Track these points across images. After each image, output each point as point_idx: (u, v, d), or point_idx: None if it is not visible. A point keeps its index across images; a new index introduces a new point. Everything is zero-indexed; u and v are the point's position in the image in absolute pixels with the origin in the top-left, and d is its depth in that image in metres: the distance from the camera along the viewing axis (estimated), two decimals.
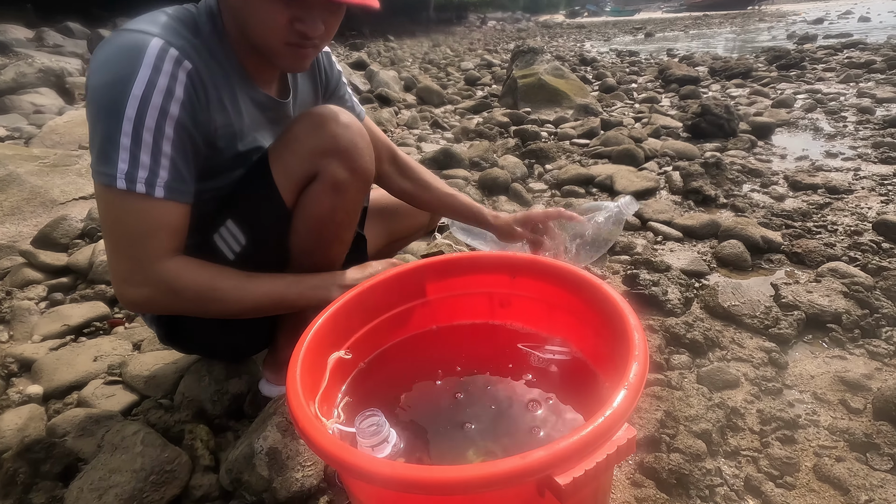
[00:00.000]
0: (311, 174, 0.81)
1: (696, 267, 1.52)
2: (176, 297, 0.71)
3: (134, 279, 0.70)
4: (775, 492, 0.82)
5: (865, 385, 1.03)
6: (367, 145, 0.83)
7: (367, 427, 0.52)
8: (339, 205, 0.82)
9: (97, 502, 0.76)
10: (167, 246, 0.71)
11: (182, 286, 0.71)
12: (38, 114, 3.58)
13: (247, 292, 0.75)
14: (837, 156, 2.47)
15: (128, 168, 0.66)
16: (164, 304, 0.72)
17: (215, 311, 0.75)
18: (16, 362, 1.21)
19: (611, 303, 0.57)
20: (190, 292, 0.71)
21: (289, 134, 0.84)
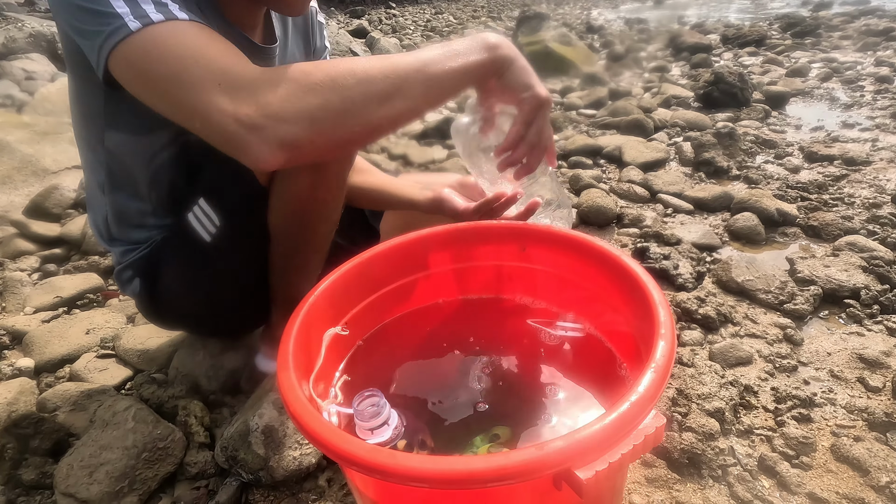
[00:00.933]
0: None
1: (707, 240, 1.46)
2: (302, 86, 0.52)
3: (246, 93, 0.51)
4: (791, 472, 0.79)
5: (884, 362, 0.99)
6: None
7: (365, 408, 0.48)
8: (319, 181, 0.73)
9: (88, 480, 0.73)
10: (236, 55, 0.54)
11: (310, 71, 0.53)
12: (29, 80, 3.48)
13: (390, 62, 0.57)
14: (854, 126, 2.38)
15: (130, 7, 0.52)
16: (307, 107, 0.52)
17: (370, 99, 0.55)
18: (7, 334, 1.18)
19: (632, 277, 0.52)
20: (322, 76, 0.53)
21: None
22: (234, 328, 0.99)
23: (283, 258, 0.82)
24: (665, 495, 0.76)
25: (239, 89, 0.51)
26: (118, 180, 0.79)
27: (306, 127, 0.53)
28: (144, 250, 0.84)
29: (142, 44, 0.52)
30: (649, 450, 0.37)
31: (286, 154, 0.53)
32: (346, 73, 0.54)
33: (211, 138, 0.54)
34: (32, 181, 2.02)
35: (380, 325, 0.67)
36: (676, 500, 0.75)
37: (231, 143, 0.52)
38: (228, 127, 0.51)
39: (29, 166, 2.09)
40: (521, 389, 0.57)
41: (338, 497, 0.78)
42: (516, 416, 0.53)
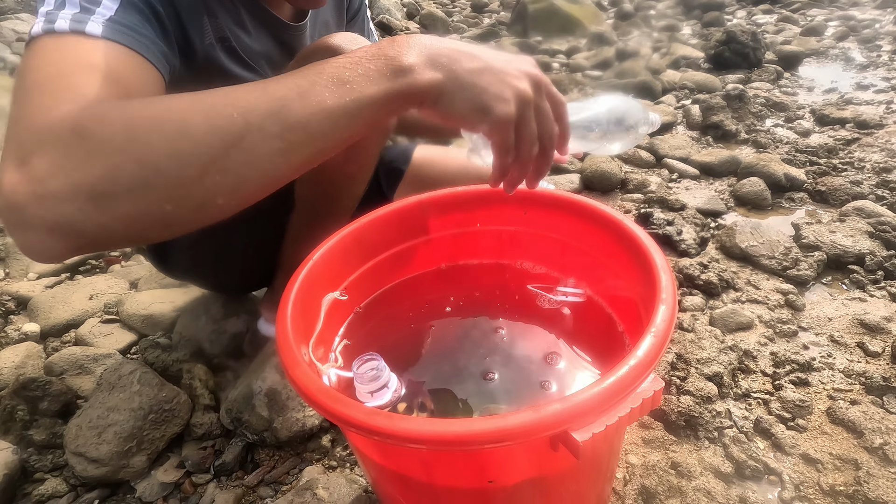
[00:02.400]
0: None
1: (712, 206, 1.44)
2: (86, 143, 0.35)
3: (27, 150, 0.35)
4: (786, 434, 0.80)
5: (885, 328, 0.99)
6: None
7: (365, 372, 0.48)
8: (351, 156, 0.72)
9: (97, 440, 0.75)
10: (97, 90, 0.39)
11: (107, 119, 0.36)
12: (20, 41, 3.39)
13: (229, 99, 0.38)
14: (869, 88, 2.31)
15: (52, 7, 0.44)
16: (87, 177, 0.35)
17: (186, 162, 0.36)
18: (12, 300, 1.19)
19: (635, 241, 0.51)
20: (119, 126, 0.36)
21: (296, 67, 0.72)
22: (240, 284, 0.99)
23: (301, 226, 0.82)
24: (661, 456, 0.77)
25: (25, 142, 0.36)
26: None
27: (83, 205, 0.34)
28: None
29: (27, 55, 0.42)
30: (647, 413, 0.37)
31: (62, 243, 0.35)
32: (155, 122, 0.36)
33: None
34: None
35: (379, 290, 0.67)
36: (672, 460, 0.76)
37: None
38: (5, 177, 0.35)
39: None
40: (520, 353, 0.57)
41: (341, 457, 0.80)
42: (515, 379, 0.53)
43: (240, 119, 0.37)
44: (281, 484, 0.77)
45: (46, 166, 0.35)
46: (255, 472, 0.78)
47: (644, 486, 0.72)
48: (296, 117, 0.38)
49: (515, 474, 0.41)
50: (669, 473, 0.74)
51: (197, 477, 0.78)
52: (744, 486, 0.73)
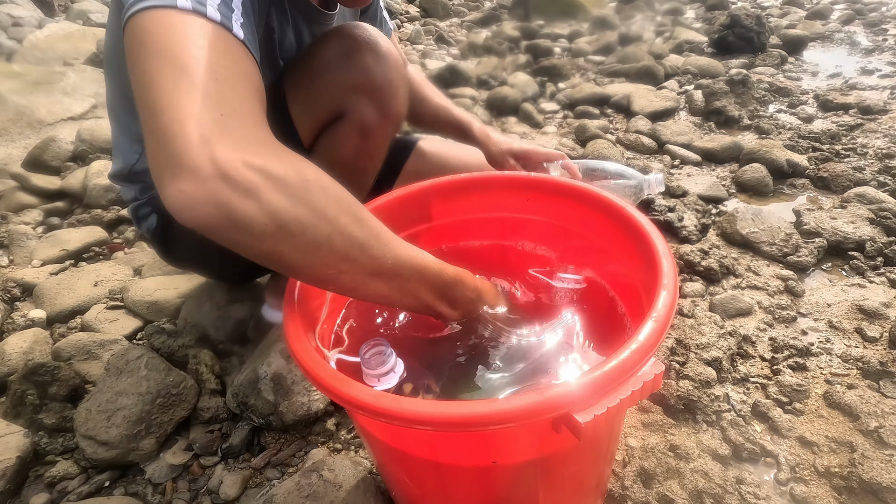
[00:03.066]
0: (337, 111, 0.71)
1: (714, 192, 1.45)
2: (303, 191, 0.41)
3: (240, 138, 0.39)
4: (783, 417, 0.82)
5: (883, 313, 1.00)
6: (403, 83, 0.72)
7: (372, 357, 0.49)
8: (363, 149, 0.73)
9: (106, 423, 0.76)
10: (262, 113, 0.45)
11: (316, 178, 0.43)
12: (16, 27, 3.35)
13: (388, 240, 0.47)
14: (874, 73, 2.29)
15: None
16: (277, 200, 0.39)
17: (327, 250, 0.43)
18: (17, 287, 1.20)
19: (636, 228, 0.52)
20: (325, 193, 0.43)
21: (312, 59, 0.71)
22: (244, 272, 1.00)
23: None
24: (660, 438, 0.79)
25: (240, 127, 0.40)
26: None
27: (269, 223, 0.39)
28: None
29: (176, 22, 0.43)
30: (647, 396, 0.38)
31: (222, 221, 0.38)
32: (347, 215, 0.43)
33: (158, 152, 0.39)
34: (28, 133, 1.99)
35: None
36: (671, 443, 0.77)
37: (180, 169, 0.38)
38: (195, 154, 0.37)
39: (24, 118, 2.05)
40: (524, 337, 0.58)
41: (346, 440, 0.81)
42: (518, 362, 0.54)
43: (398, 257, 0.47)
44: (287, 466, 0.79)
45: (283, 170, 0.40)
46: (261, 454, 0.80)
47: (643, 468, 0.74)
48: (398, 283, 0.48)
49: (518, 455, 0.42)
50: (668, 455, 0.76)
51: (205, 459, 0.80)
52: (740, 468, 0.74)
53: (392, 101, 0.70)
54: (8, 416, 0.83)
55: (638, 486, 0.72)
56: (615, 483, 0.73)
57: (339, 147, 0.72)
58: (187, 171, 0.37)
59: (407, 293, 0.49)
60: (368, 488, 0.67)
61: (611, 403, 0.35)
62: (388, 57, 0.69)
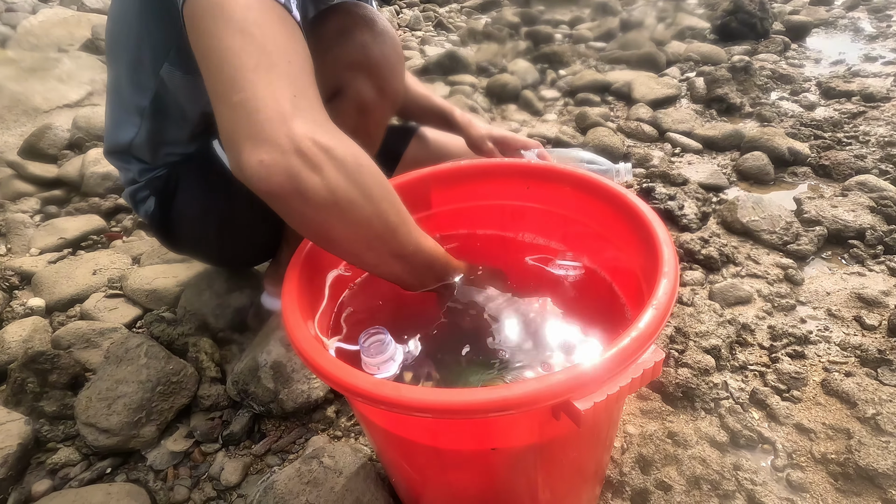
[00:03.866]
0: (334, 89, 0.71)
1: (715, 180, 1.44)
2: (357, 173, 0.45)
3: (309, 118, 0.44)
4: (780, 405, 0.82)
5: (882, 301, 1.00)
6: (399, 60, 0.72)
7: (371, 345, 0.49)
8: (361, 127, 0.72)
9: (107, 411, 0.77)
10: (319, 97, 0.48)
11: (368, 164, 0.47)
12: (10, 12, 3.30)
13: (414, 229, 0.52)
14: (877, 59, 2.26)
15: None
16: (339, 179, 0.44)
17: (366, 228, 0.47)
18: (16, 275, 1.19)
19: (637, 215, 0.51)
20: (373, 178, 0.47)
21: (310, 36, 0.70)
22: (244, 258, 1.00)
23: None
24: (658, 426, 0.79)
25: (309, 108, 0.45)
26: (165, 110, 0.76)
27: (325, 197, 0.43)
28: (163, 170, 0.83)
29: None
30: (647, 383, 0.38)
31: (291, 190, 0.43)
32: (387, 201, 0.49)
33: (238, 123, 0.43)
34: (24, 121, 1.97)
35: None
36: (669, 430, 0.78)
37: (262, 141, 0.42)
38: (276, 129, 0.42)
39: (19, 105, 2.03)
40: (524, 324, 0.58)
41: (345, 427, 0.82)
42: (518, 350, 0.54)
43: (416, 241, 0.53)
44: (287, 453, 0.79)
45: (347, 153, 0.45)
46: (262, 441, 0.80)
47: (641, 455, 0.74)
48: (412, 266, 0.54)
49: (518, 441, 0.42)
50: (666, 442, 0.76)
51: (206, 446, 0.80)
52: (738, 455, 0.75)
53: (390, 78, 0.71)
54: (9, 403, 0.83)
55: (636, 472, 0.73)
56: (613, 469, 0.73)
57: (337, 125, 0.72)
58: (268, 143, 0.41)
59: (416, 276, 0.55)
60: (369, 475, 0.68)
61: (610, 391, 0.35)
62: (385, 34, 0.69)
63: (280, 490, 0.65)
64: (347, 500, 0.64)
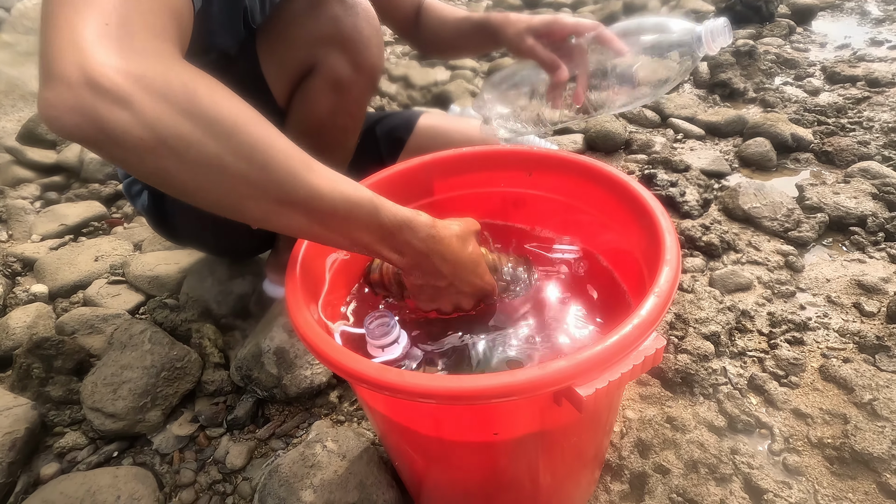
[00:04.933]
0: (307, 66, 0.69)
1: (717, 167, 1.43)
2: (189, 103, 0.36)
3: (124, 46, 0.36)
4: (778, 390, 0.83)
5: (882, 288, 1.00)
6: (374, 32, 0.69)
7: (376, 327, 0.49)
8: (340, 106, 0.70)
9: (112, 396, 0.78)
10: (171, 33, 0.41)
11: (208, 91, 0.38)
12: None
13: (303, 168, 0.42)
14: (883, 43, 2.24)
15: None
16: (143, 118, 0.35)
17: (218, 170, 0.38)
18: (18, 261, 1.20)
19: (639, 203, 0.51)
20: (219, 109, 0.38)
21: (281, 12, 0.69)
22: (240, 249, 1.00)
23: None
24: (657, 411, 0.80)
25: (126, 36, 0.36)
26: None
27: (154, 131, 0.35)
28: None
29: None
30: (648, 370, 0.38)
31: (93, 132, 0.35)
32: (244, 134, 0.39)
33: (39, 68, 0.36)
34: (21, 106, 1.96)
35: None
36: (668, 415, 0.79)
37: (47, 77, 0.34)
38: (63, 60, 0.34)
39: (16, 90, 2.01)
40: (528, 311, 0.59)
41: (348, 412, 0.83)
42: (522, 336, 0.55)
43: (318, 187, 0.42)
44: (291, 437, 0.80)
45: (164, 83, 0.35)
46: (266, 425, 0.81)
47: (640, 439, 0.76)
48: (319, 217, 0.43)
49: (520, 427, 0.43)
50: (665, 427, 0.77)
51: (210, 430, 0.81)
52: (735, 439, 0.76)
53: (364, 52, 0.67)
54: (15, 388, 0.84)
55: (635, 456, 0.74)
56: (613, 454, 0.74)
57: (314, 104, 0.70)
58: (53, 78, 0.34)
59: (335, 231, 0.44)
60: (372, 458, 0.69)
61: (612, 377, 0.35)
62: (357, 6, 0.67)
63: (284, 473, 0.66)
64: (351, 483, 0.65)
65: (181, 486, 0.74)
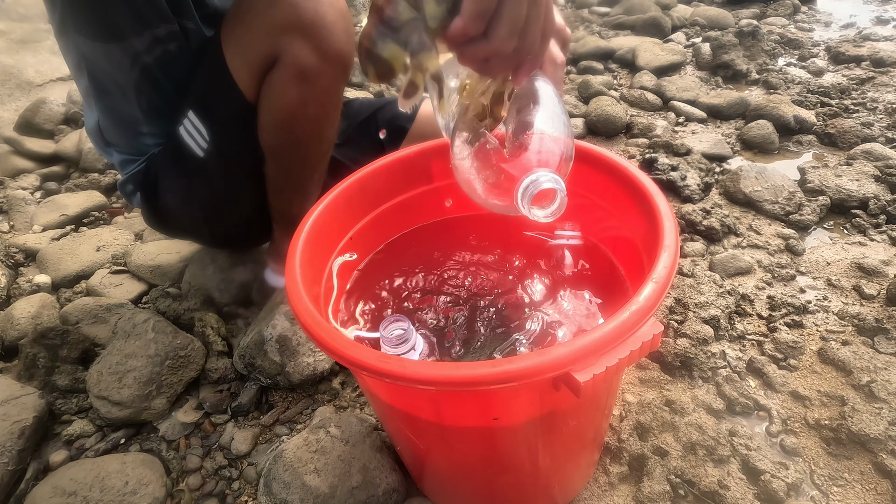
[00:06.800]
0: (270, 57, 0.66)
1: (718, 150, 1.42)
2: None
3: None
4: (777, 373, 0.83)
5: (882, 271, 1.01)
6: (340, 17, 0.65)
7: (392, 333, 0.49)
8: (309, 96, 0.68)
9: (118, 384, 0.79)
10: None
11: None
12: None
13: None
14: (889, 22, 2.20)
15: None
16: None
17: None
18: (20, 252, 1.20)
19: (639, 188, 0.51)
20: None
21: (241, 2, 0.67)
22: (236, 242, 1.00)
23: (278, 176, 0.80)
24: (656, 394, 0.81)
25: None
26: (103, 86, 0.76)
27: None
28: (142, 164, 0.83)
29: None
30: (646, 355, 0.38)
31: None
32: None
33: None
34: (18, 95, 1.95)
35: (385, 242, 0.68)
36: (666, 398, 0.80)
37: None
38: None
39: (12, 79, 2.00)
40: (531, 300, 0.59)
41: (351, 398, 0.84)
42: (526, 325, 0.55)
43: None
44: (295, 423, 0.81)
45: None
46: (270, 412, 0.82)
47: (639, 422, 0.76)
48: None
49: (520, 412, 0.43)
50: (663, 410, 0.78)
51: (215, 417, 0.82)
52: (734, 421, 0.77)
53: (328, 38, 0.64)
54: (22, 378, 0.85)
55: (634, 438, 0.75)
56: (612, 436, 0.75)
57: (281, 96, 0.68)
58: None
59: None
60: (374, 443, 0.70)
61: (610, 363, 0.36)
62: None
63: (289, 458, 0.67)
64: (354, 467, 0.66)
65: (188, 472, 0.76)
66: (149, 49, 0.71)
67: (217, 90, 0.71)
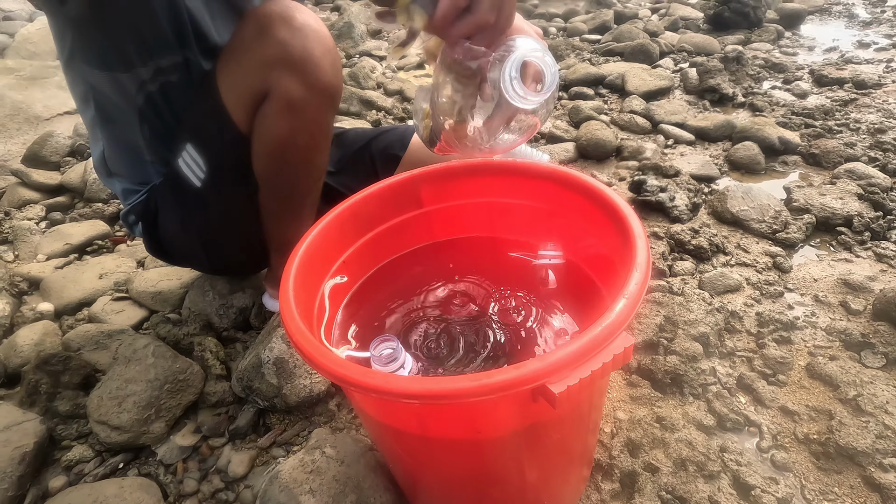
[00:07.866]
0: (261, 92, 0.71)
1: (706, 171, 1.46)
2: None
3: None
4: (766, 389, 0.85)
5: (868, 287, 1.02)
6: (326, 52, 0.70)
7: (382, 353, 0.50)
8: (298, 126, 0.72)
9: (118, 409, 0.80)
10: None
11: None
12: (7, 20, 3.33)
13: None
14: (870, 46, 2.28)
15: None
16: None
17: None
18: (24, 281, 1.23)
19: (614, 210, 0.54)
20: None
21: (233, 40, 0.72)
22: (235, 268, 1.03)
23: (272, 204, 0.84)
24: (647, 411, 0.82)
25: None
26: (108, 115, 0.80)
27: None
28: (143, 195, 0.87)
29: None
30: (618, 367, 0.41)
31: None
32: None
33: None
34: (26, 129, 2.01)
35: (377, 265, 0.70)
36: (657, 415, 0.81)
37: None
38: None
39: (20, 113, 2.06)
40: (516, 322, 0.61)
41: (346, 419, 0.85)
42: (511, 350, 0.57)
43: None
44: (292, 445, 0.82)
45: None
46: (267, 434, 0.83)
47: (630, 439, 0.77)
48: None
49: (502, 425, 0.45)
50: (654, 427, 0.79)
51: (213, 440, 0.83)
52: (724, 437, 0.78)
53: (316, 72, 0.69)
54: (24, 404, 0.87)
55: (625, 455, 0.76)
56: (603, 453, 0.76)
57: (272, 128, 0.72)
58: None
59: None
60: (369, 463, 0.71)
61: (583, 375, 0.38)
62: (304, 28, 0.68)
63: (285, 479, 0.68)
64: (349, 486, 0.67)
65: (185, 496, 0.76)
66: (153, 78, 0.76)
67: (213, 123, 0.75)
